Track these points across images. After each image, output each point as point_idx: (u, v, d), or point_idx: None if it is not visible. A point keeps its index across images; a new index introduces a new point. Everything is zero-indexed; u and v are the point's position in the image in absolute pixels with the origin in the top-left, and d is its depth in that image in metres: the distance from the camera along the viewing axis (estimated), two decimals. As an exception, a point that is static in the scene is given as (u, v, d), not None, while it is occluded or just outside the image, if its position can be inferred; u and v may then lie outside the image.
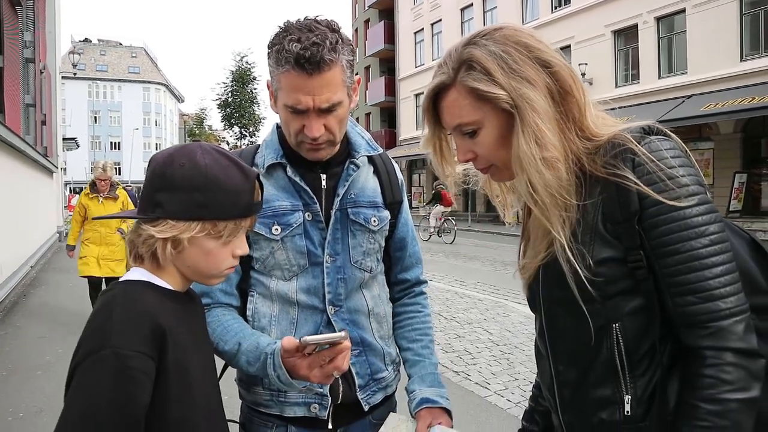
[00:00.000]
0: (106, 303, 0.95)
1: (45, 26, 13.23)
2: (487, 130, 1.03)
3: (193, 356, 1.01)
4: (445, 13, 27.96)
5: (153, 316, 0.93)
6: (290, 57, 1.16)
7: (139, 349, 0.89)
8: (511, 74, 0.98)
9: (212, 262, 1.03)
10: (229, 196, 0.99)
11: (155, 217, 0.98)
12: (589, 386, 1.04)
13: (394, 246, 1.51)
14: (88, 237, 5.96)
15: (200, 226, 0.99)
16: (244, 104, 36.18)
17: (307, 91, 1.19)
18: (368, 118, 35.83)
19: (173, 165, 0.99)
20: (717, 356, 0.91)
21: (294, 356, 1.15)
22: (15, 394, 4.13)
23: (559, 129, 1.00)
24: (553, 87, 1.00)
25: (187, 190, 0.97)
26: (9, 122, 7.54)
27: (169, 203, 0.98)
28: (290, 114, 1.24)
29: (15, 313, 6.75)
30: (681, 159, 0.96)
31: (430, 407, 1.33)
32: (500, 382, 4.44)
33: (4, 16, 7.41)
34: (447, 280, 9.35)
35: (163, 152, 1.04)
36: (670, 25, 17.45)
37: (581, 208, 1.00)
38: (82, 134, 56.22)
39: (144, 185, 1.04)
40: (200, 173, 0.98)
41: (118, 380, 0.86)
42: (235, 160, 1.03)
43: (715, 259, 0.91)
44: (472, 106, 1.02)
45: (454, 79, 1.03)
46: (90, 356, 0.87)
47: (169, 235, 0.97)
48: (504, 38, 1.01)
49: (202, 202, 0.98)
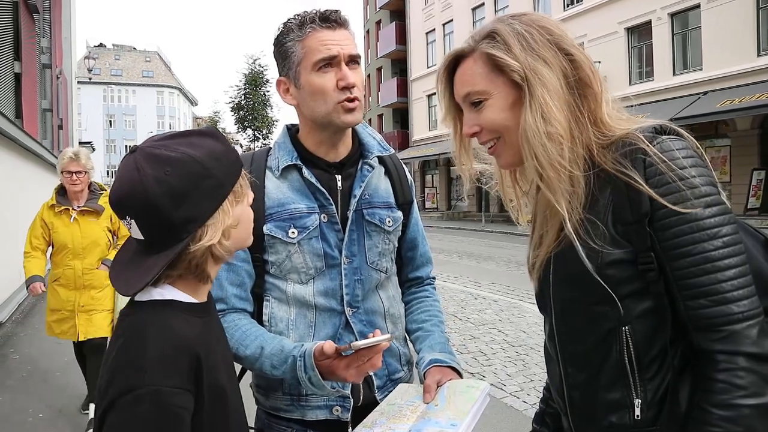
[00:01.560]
0: (136, 331, 0.88)
1: (61, 32, 13.42)
2: (494, 100, 1.04)
3: (222, 371, 0.97)
4: (456, 13, 27.90)
5: (188, 347, 0.88)
6: (314, 17, 1.28)
7: (179, 385, 0.84)
8: (529, 50, 1.01)
9: (246, 225, 1.00)
10: (223, 164, 0.92)
11: (192, 236, 0.89)
12: (598, 389, 1.03)
13: (406, 246, 1.52)
14: (58, 276, 3.81)
15: (227, 202, 0.93)
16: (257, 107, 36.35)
17: (335, 41, 1.27)
18: (381, 119, 35.84)
19: (157, 184, 0.86)
20: (730, 361, 0.89)
21: (331, 358, 1.16)
22: (35, 394, 4.19)
23: (570, 112, 1.01)
24: (570, 73, 1.01)
25: (191, 187, 0.88)
26: (27, 127, 7.66)
27: (191, 210, 0.88)
28: (322, 72, 1.28)
29: (34, 315, 6.84)
30: (693, 159, 0.94)
31: (438, 365, 1.32)
32: (516, 383, 4.41)
33: (22, 24, 7.53)
34: (461, 281, 9.32)
35: (129, 186, 0.87)
36: (684, 21, 17.24)
37: (591, 204, 1.00)
38: (98, 138, 56.98)
39: (148, 225, 0.89)
40: (187, 167, 0.88)
41: (161, 420, 0.82)
42: (197, 134, 0.95)
43: (728, 261, 0.90)
44: (485, 75, 1.04)
45: (473, 48, 1.06)
46: (127, 394, 0.82)
47: (219, 233, 0.92)
48: (530, 21, 1.04)
49: (212, 185, 0.90)
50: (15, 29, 7.32)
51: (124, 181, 0.88)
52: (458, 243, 16.15)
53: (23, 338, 5.80)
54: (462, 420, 1.10)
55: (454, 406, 1.16)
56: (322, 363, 1.17)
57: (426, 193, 30.68)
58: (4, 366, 4.88)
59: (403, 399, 1.26)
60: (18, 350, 5.35)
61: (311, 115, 1.32)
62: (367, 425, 1.18)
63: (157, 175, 0.86)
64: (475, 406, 1.15)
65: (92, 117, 65.95)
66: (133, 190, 0.87)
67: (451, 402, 1.18)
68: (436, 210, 29.96)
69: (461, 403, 1.16)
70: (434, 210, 29.97)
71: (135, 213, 0.88)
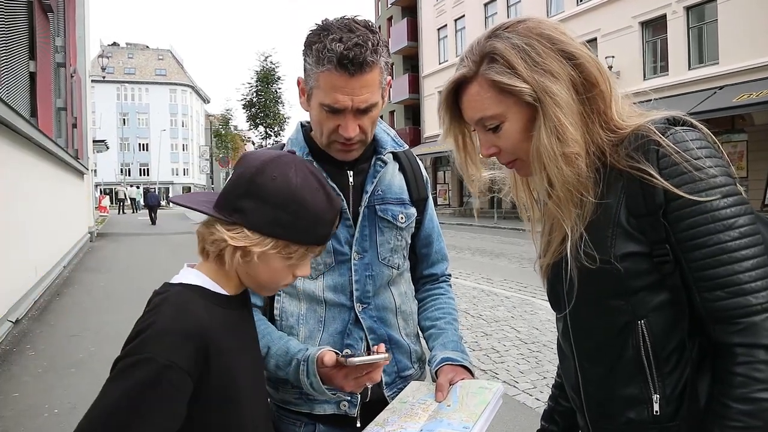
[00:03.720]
0: (158, 306, 0.93)
1: (75, 31, 13.55)
2: (510, 123, 1.01)
3: (243, 369, 0.99)
4: (468, 8, 27.77)
5: (198, 331, 0.91)
6: (333, 57, 1.16)
7: (177, 361, 0.87)
8: (534, 67, 0.96)
9: (274, 278, 1.01)
10: (310, 222, 0.97)
11: (232, 222, 0.95)
12: (615, 385, 1.01)
13: (420, 243, 1.50)
14: None
15: (274, 243, 0.96)
16: (269, 104, 36.44)
17: (347, 91, 1.19)
18: (392, 115, 35.81)
19: (264, 175, 0.95)
20: (749, 353, 0.88)
21: (329, 368, 1.17)
22: (50, 390, 4.23)
23: (582, 122, 0.98)
24: (577, 79, 0.98)
25: (272, 205, 0.95)
26: (42, 126, 7.73)
27: (251, 213, 0.95)
28: (326, 113, 1.24)
29: (49, 312, 6.92)
30: (708, 150, 0.92)
31: (451, 364, 1.30)
32: (528, 380, 4.39)
33: (37, 23, 7.60)
34: (473, 278, 9.29)
35: (255, 156, 1.00)
36: (700, 15, 17.01)
37: (599, 206, 0.98)
38: (112, 136, 57.54)
39: (228, 185, 1.00)
40: (290, 192, 0.95)
41: (150, 389, 0.85)
42: (325, 184, 1.01)
43: (745, 252, 0.88)
44: (495, 99, 1.00)
45: (476, 72, 1.01)
46: (129, 356, 0.87)
47: (241, 243, 0.95)
48: (527, 30, 0.99)
49: (285, 221, 0.95)
50: (30, 29, 7.39)
51: (267, 157, 0.99)
52: (470, 239, 16.10)
53: (39, 335, 5.87)
54: (474, 422, 1.09)
55: (466, 408, 1.14)
56: (322, 370, 1.18)
57: (438, 190, 30.64)
58: (20, 362, 4.94)
59: (414, 397, 1.25)
60: (34, 347, 5.41)
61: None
62: (378, 423, 1.17)
63: (267, 171, 0.96)
64: (488, 409, 1.13)
65: (106, 115, 66.58)
66: (255, 161, 0.98)
67: (464, 403, 1.16)
68: (448, 206, 29.90)
69: (474, 404, 1.15)
70: (446, 206, 29.91)
71: (241, 170, 0.99)
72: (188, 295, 0.95)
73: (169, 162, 73.66)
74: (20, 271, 6.66)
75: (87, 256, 12.55)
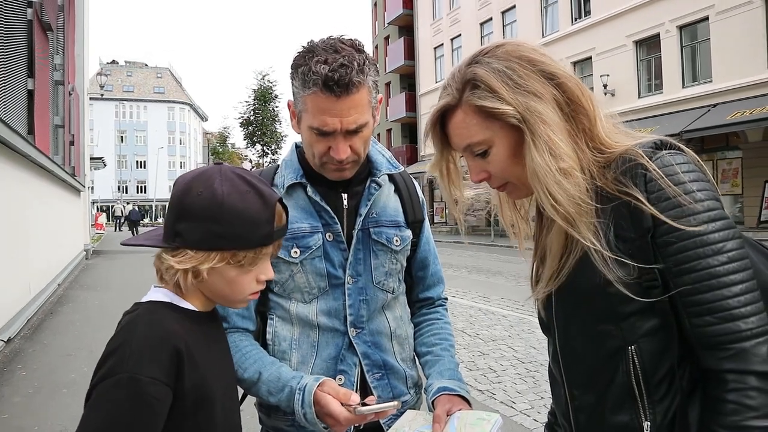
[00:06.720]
0: (128, 324, 0.95)
1: (74, 49, 13.62)
2: (497, 148, 1.01)
3: (215, 379, 1.01)
4: (464, 28, 28.06)
5: (172, 342, 0.93)
6: (318, 79, 1.14)
7: (156, 376, 0.89)
8: (516, 89, 0.97)
9: (236, 289, 1.03)
10: (247, 226, 0.98)
11: (175, 246, 0.98)
12: (606, 411, 0.99)
13: (416, 266, 1.48)
14: None
15: (219, 255, 0.98)
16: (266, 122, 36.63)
17: (335, 113, 1.17)
18: (389, 133, 35.96)
19: (191, 193, 0.98)
20: (740, 380, 0.86)
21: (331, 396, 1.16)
22: (40, 412, 4.16)
23: (571, 140, 0.98)
24: (561, 98, 0.98)
25: (203, 220, 0.96)
26: (38, 143, 7.73)
27: (187, 233, 0.97)
28: (315, 136, 1.22)
29: (42, 330, 6.85)
30: (695, 174, 0.92)
31: (448, 394, 1.27)
32: (526, 401, 4.34)
33: (36, 41, 7.63)
34: (470, 296, 9.24)
35: (184, 177, 1.03)
36: (693, 34, 17.21)
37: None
38: (109, 153, 57.62)
39: (167, 213, 1.04)
40: (216, 203, 0.96)
41: (133, 405, 0.87)
42: (255, 185, 1.01)
43: (733, 277, 0.87)
44: (481, 125, 1.00)
45: (459, 100, 1.02)
46: (109, 378, 0.88)
47: (188, 265, 0.97)
48: (506, 54, 1.00)
49: (219, 232, 0.96)
50: (29, 47, 7.42)
51: (194, 174, 1.03)
52: (467, 258, 16.06)
53: (31, 354, 5.79)
54: None
55: None
56: (320, 411, 1.16)
57: (435, 208, 30.63)
58: (11, 382, 4.87)
59: (411, 427, 1.22)
60: (26, 366, 5.34)
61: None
62: None
63: (192, 188, 0.99)
64: None
65: (104, 132, 66.79)
66: (183, 182, 1.01)
67: None
68: (444, 224, 29.88)
69: None
70: (443, 224, 29.89)
71: (173, 194, 1.02)
72: (161, 311, 0.98)
73: (167, 179, 73.51)
74: (14, 289, 6.60)
75: (82, 274, 12.46)
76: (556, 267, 1.02)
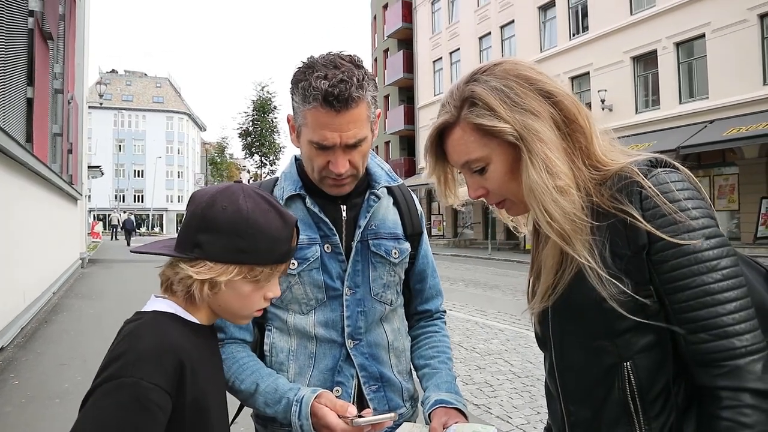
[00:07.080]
0: (133, 332, 0.96)
1: (74, 58, 13.67)
2: (495, 165, 1.02)
3: (212, 393, 1.02)
4: (463, 41, 28.27)
5: (177, 353, 0.94)
6: (318, 94, 1.16)
7: (159, 383, 0.90)
8: (513, 107, 0.98)
9: (245, 304, 1.04)
10: (268, 243, 1.00)
11: (194, 257, 0.99)
12: (602, 427, 0.99)
13: (414, 278, 1.48)
14: None
15: (238, 269, 1.00)
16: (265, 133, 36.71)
17: (334, 128, 1.19)
18: (388, 146, 36.07)
19: (215, 207, 0.99)
20: (734, 397, 0.86)
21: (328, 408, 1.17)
22: (32, 422, 4.12)
23: (568, 158, 0.99)
24: (558, 117, 0.99)
25: (228, 234, 0.98)
26: (37, 151, 7.72)
27: (209, 245, 0.98)
28: (315, 150, 1.24)
29: (36, 339, 6.79)
30: (690, 191, 0.93)
31: (444, 407, 1.27)
32: (522, 416, 4.31)
33: (36, 50, 7.66)
34: (467, 310, 9.22)
35: (205, 192, 1.04)
36: (689, 50, 17.38)
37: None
38: (107, 162, 57.66)
39: (184, 223, 1.04)
40: (242, 218, 0.99)
41: (134, 409, 0.87)
42: (275, 204, 1.04)
43: (728, 294, 0.88)
44: (479, 142, 1.01)
45: (457, 117, 1.03)
46: (111, 381, 0.88)
47: (207, 276, 0.98)
48: (504, 72, 1.01)
49: (243, 247, 0.98)
50: (29, 55, 7.44)
51: (216, 189, 1.04)
52: (464, 271, 16.05)
53: (24, 363, 5.74)
54: None
55: None
56: (317, 422, 1.16)
57: (432, 221, 30.66)
58: (3, 392, 4.82)
59: None
60: (18, 375, 5.29)
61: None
62: None
63: (217, 202, 1.00)
64: None
65: (102, 141, 66.86)
66: (205, 196, 1.02)
67: None
68: (442, 237, 29.90)
69: None
70: (440, 237, 29.90)
71: (193, 207, 1.02)
72: (165, 321, 0.99)
73: (164, 189, 73.52)
74: (8, 297, 6.56)
75: (78, 282, 12.40)
76: (551, 282, 1.03)
